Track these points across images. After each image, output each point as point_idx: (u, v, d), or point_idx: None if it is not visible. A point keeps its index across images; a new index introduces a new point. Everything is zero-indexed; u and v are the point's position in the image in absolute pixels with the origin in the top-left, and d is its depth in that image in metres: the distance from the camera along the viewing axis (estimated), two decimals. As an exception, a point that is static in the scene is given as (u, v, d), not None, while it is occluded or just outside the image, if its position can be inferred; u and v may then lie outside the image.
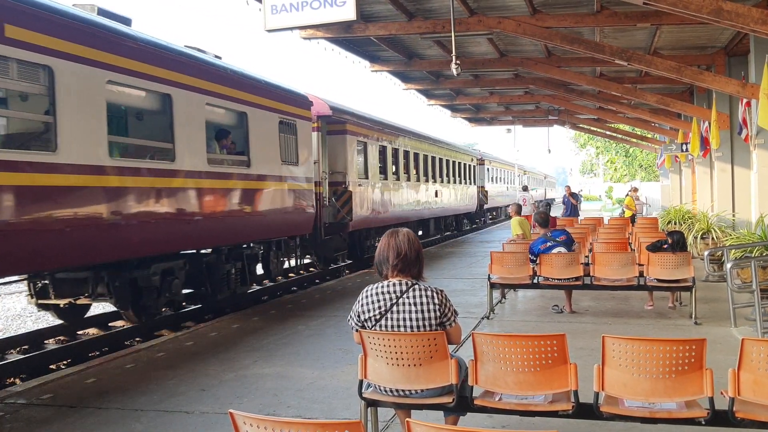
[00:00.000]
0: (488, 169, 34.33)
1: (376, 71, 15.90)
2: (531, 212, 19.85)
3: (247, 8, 10.62)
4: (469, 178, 29.49)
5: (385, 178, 18.05)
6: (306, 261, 16.16)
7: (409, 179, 20.28)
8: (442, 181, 24.18)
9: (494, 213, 39.27)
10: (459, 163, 27.28)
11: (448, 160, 25.26)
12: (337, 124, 15.16)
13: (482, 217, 34.31)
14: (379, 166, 17.67)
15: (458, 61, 10.58)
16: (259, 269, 12.57)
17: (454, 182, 26.41)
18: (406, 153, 20.27)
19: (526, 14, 11.15)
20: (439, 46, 13.98)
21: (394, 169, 19.04)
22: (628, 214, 21.93)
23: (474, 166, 30.69)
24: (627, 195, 24.51)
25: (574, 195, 24.26)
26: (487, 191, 32.84)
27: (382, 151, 18.10)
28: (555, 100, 21.35)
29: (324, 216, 14.42)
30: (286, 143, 11.73)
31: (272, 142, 11.21)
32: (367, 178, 16.49)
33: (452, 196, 25.95)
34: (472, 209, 30.44)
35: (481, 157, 33.21)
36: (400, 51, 14.75)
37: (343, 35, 12.25)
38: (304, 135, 12.47)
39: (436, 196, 23.24)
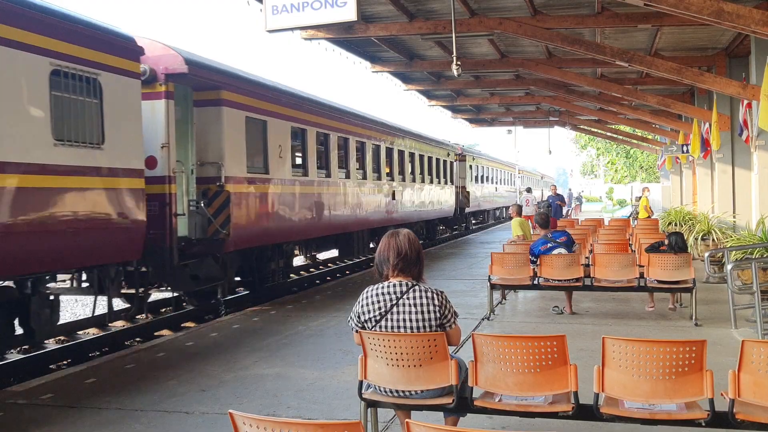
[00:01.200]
0: (471, 166, 29.35)
1: (376, 72, 15.89)
2: (534, 213, 19.83)
3: (247, 9, 10.58)
4: (445, 177, 24.76)
5: (304, 174, 12.98)
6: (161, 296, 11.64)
7: (348, 176, 15.24)
8: (402, 180, 19.47)
9: (482, 217, 34.79)
10: (429, 157, 22.58)
11: (412, 154, 20.61)
12: (208, 91, 10.24)
13: (463, 222, 29.80)
14: (293, 157, 12.70)
15: (459, 62, 10.57)
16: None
17: (422, 181, 21.59)
18: (345, 141, 15.22)
19: (527, 15, 11.15)
20: (440, 46, 13.98)
21: (320, 162, 14.04)
22: (644, 215, 21.81)
23: (452, 163, 26.05)
24: (642, 195, 24.26)
25: (560, 196, 23.91)
26: (468, 192, 28.36)
27: (298, 136, 12.95)
28: (556, 101, 21.35)
29: (179, 229, 9.58)
30: (73, 110, 7.41)
31: (29, 105, 6.84)
32: (266, 172, 11.49)
33: (418, 198, 21.31)
34: (449, 214, 25.65)
35: (462, 152, 28.35)
36: (401, 52, 14.75)
37: (343, 36, 12.24)
38: (123, 100, 8.18)
39: (394, 198, 18.45)
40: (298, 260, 16.97)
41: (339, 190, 14.79)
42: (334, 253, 18.08)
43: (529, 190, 27.96)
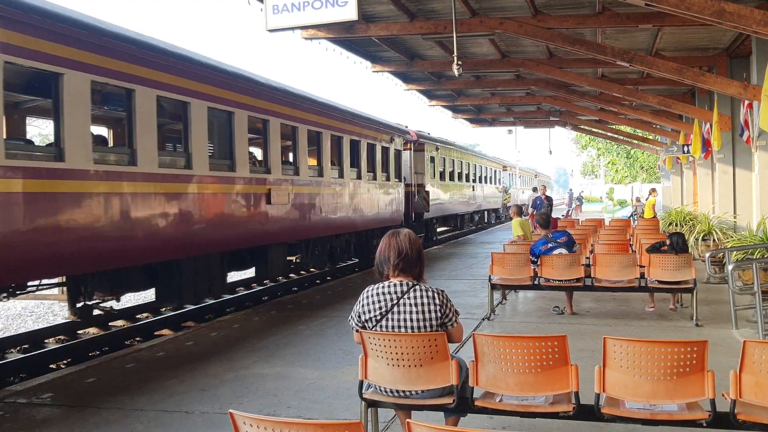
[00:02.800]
0: (433, 158, 22.82)
1: (377, 72, 15.88)
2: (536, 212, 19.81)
3: (248, 8, 10.55)
4: (386, 171, 17.89)
5: (55, 158, 7.07)
6: None
7: (173, 165, 9.14)
8: (294, 173, 12.53)
9: (453, 223, 27.93)
10: (354, 141, 15.56)
11: (318, 134, 13.58)
12: None
13: (421, 231, 21.92)
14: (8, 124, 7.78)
15: (460, 62, 10.56)
16: None
17: (339, 176, 14.67)
18: (159, 99, 8.73)
19: (528, 15, 11.14)
20: (440, 46, 13.97)
21: (103, 139, 9.65)
22: (649, 215, 21.88)
23: (398, 152, 19.13)
24: (648, 197, 24.30)
25: (549, 198, 23.40)
26: (428, 192, 21.65)
27: (12, 82, 7.58)
28: (556, 101, 21.34)
29: None
30: None
31: None
32: None
33: (327, 202, 13.98)
34: (395, 222, 18.38)
35: (419, 139, 21.44)
36: (402, 51, 14.75)
37: (344, 35, 12.24)
38: None
39: (269, 201, 11.41)
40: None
41: (145, 188, 8.45)
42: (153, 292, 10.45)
43: (535, 190, 28.02)
